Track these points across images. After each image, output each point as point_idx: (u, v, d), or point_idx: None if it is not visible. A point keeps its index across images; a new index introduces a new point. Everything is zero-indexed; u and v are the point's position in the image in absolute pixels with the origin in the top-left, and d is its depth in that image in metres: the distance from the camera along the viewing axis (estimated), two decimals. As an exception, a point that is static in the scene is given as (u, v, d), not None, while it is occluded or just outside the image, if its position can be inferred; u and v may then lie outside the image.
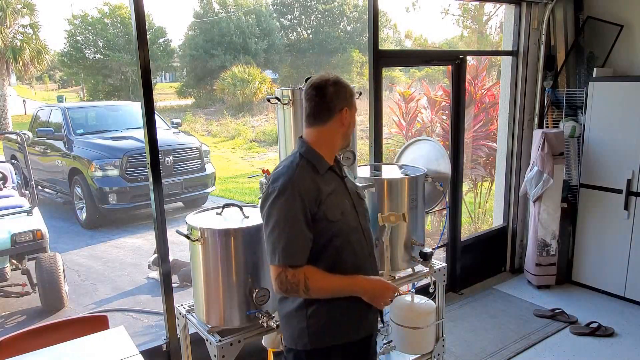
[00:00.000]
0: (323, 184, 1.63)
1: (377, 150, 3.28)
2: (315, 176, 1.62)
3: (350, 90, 1.68)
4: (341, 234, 1.63)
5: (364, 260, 1.71)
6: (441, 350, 2.79)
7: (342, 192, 1.69)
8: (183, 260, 4.80)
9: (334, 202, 1.63)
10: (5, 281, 4.22)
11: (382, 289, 1.67)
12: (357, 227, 1.69)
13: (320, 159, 1.66)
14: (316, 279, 1.59)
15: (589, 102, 3.90)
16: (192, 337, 2.36)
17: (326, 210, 1.60)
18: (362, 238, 1.71)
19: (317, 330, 1.66)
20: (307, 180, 1.59)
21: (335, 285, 1.62)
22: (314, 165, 1.64)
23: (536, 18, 4.15)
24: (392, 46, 21.05)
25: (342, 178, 1.73)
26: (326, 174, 1.66)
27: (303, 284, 1.57)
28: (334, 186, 1.67)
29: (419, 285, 3.34)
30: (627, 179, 3.74)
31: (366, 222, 1.77)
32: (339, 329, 1.68)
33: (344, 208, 1.66)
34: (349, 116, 1.67)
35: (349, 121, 1.68)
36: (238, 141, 14.29)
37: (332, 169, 1.70)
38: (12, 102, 16.39)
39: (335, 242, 1.63)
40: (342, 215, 1.64)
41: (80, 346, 1.87)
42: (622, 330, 3.48)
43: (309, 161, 1.64)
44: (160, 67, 22.69)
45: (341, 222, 1.63)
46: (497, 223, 4.65)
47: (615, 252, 3.92)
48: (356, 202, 1.73)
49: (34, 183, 4.90)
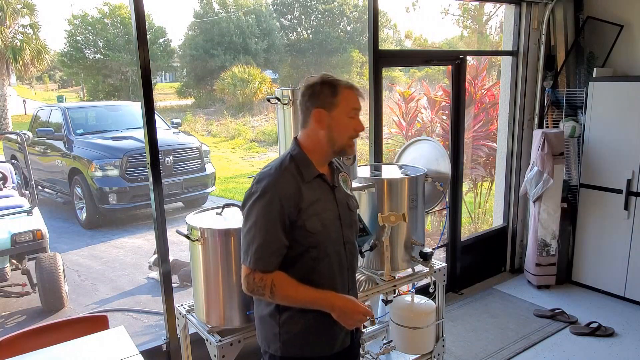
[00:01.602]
0: (307, 191, 1.58)
1: (377, 150, 3.28)
2: (301, 182, 1.58)
3: (330, 90, 1.58)
4: (319, 245, 1.59)
5: (341, 273, 1.67)
6: (441, 350, 2.79)
7: (327, 202, 1.64)
8: (183, 260, 4.80)
9: (316, 211, 1.59)
10: (5, 281, 4.23)
11: (352, 311, 1.58)
12: (338, 239, 1.64)
13: (308, 165, 1.62)
14: (283, 287, 1.56)
15: (589, 102, 3.91)
16: (192, 337, 2.36)
17: (306, 220, 1.56)
18: (342, 250, 1.66)
19: (288, 339, 1.64)
20: (290, 186, 1.56)
21: (302, 297, 1.58)
22: (301, 171, 1.60)
23: (536, 18, 4.15)
24: (392, 46, 21.05)
25: (332, 187, 1.67)
26: (313, 182, 1.62)
27: (269, 290, 1.55)
28: (318, 195, 1.62)
29: (419, 285, 3.34)
30: (627, 179, 3.74)
31: (352, 234, 1.71)
32: (311, 341, 1.65)
33: (326, 219, 1.61)
34: (326, 117, 1.57)
35: (327, 123, 1.58)
36: (238, 141, 14.29)
37: (321, 177, 1.65)
38: (12, 102, 16.38)
39: (312, 253, 1.60)
40: (323, 227, 1.59)
41: (80, 346, 1.87)
42: (622, 330, 3.48)
43: (297, 165, 1.60)
44: (160, 67, 22.68)
45: (320, 234, 1.59)
46: (497, 223, 4.65)
47: (615, 252, 3.92)
48: (343, 213, 1.67)
49: (34, 183, 4.90)
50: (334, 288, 1.63)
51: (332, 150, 1.63)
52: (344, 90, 1.60)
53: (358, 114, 1.64)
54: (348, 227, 1.69)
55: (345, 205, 1.70)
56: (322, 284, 1.61)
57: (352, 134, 1.63)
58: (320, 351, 1.66)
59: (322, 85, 1.59)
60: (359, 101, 1.63)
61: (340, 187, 1.71)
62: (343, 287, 1.68)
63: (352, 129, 1.62)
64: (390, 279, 2.51)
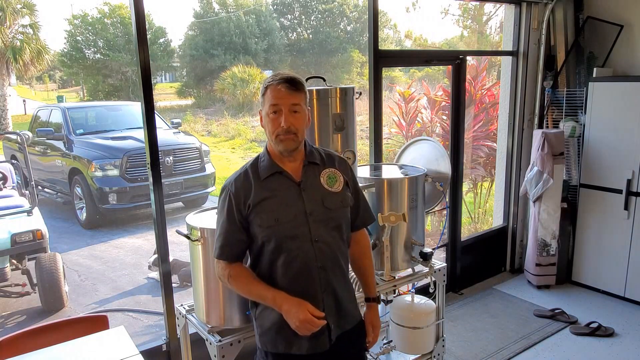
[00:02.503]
0: (259, 188, 1.63)
1: (377, 150, 3.27)
2: (254, 180, 1.64)
3: (263, 90, 1.63)
4: (272, 239, 1.61)
5: (309, 272, 1.62)
6: (441, 350, 2.79)
7: (287, 198, 1.63)
8: (183, 260, 4.80)
9: (268, 208, 1.61)
10: (5, 281, 4.23)
11: (293, 317, 1.55)
12: (302, 235, 1.61)
13: (267, 163, 1.66)
14: (239, 279, 1.66)
15: (589, 102, 3.90)
16: (192, 337, 2.36)
17: (256, 215, 1.62)
18: (308, 247, 1.62)
19: (262, 333, 1.70)
20: (243, 183, 1.65)
21: (253, 291, 1.66)
22: (258, 169, 1.67)
23: (536, 18, 4.15)
24: (392, 46, 21.04)
25: (298, 184, 1.66)
26: (270, 178, 1.64)
27: (227, 279, 1.68)
28: (275, 191, 1.63)
29: (419, 285, 3.35)
30: (627, 179, 3.74)
31: (327, 232, 1.65)
32: (279, 338, 1.65)
33: (283, 214, 1.61)
34: (261, 116, 1.66)
35: (263, 122, 1.65)
36: (238, 141, 14.29)
37: (282, 174, 1.65)
38: (12, 102, 16.37)
39: (267, 247, 1.63)
40: (276, 222, 1.60)
41: (80, 346, 1.87)
42: (622, 330, 3.48)
43: (257, 164, 1.69)
44: (160, 67, 22.67)
45: (273, 229, 1.60)
46: (497, 223, 4.65)
47: (615, 252, 3.92)
48: (313, 209, 1.63)
49: (34, 183, 4.90)
50: (300, 286, 1.61)
51: (274, 147, 1.65)
52: (271, 88, 1.61)
53: (281, 109, 1.58)
54: (321, 224, 1.64)
55: (319, 202, 1.65)
56: (283, 281, 1.62)
57: (278, 130, 1.59)
58: (290, 350, 1.65)
59: (263, 85, 1.65)
60: (282, 96, 1.58)
61: (314, 183, 1.68)
62: (313, 286, 1.63)
63: (277, 125, 1.59)
64: (390, 279, 2.51)
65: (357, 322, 1.78)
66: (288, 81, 1.59)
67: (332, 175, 1.72)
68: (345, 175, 1.76)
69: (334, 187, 1.70)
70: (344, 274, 1.74)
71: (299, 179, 1.67)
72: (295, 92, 1.59)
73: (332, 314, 1.66)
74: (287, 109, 1.59)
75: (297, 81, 1.61)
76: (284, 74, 1.62)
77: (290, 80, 1.59)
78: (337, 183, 1.72)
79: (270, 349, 1.68)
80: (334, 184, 1.71)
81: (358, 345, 1.80)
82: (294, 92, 1.59)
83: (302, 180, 1.67)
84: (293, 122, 1.59)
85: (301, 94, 1.62)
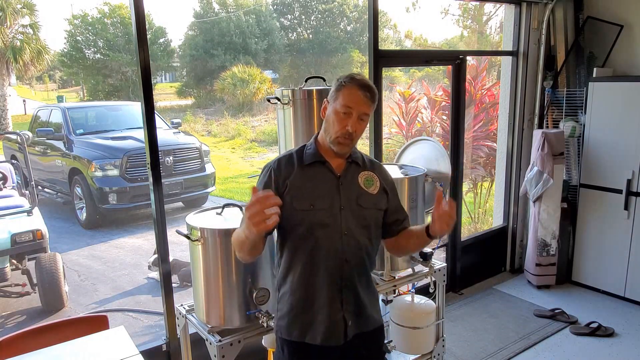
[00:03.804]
0: (301, 172, 1.67)
1: (377, 150, 3.28)
2: (298, 164, 1.68)
3: (337, 84, 1.65)
4: (304, 224, 1.62)
5: (334, 262, 1.63)
6: (441, 350, 2.79)
7: (325, 188, 1.66)
8: (183, 260, 4.80)
9: (306, 193, 1.64)
10: (5, 281, 4.22)
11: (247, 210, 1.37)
12: (334, 226, 1.63)
13: (313, 152, 1.70)
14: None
15: (589, 102, 3.90)
16: (192, 337, 2.36)
17: (293, 197, 1.63)
18: (337, 239, 1.63)
19: (280, 317, 1.70)
20: (285, 163, 1.69)
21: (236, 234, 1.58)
22: (302, 155, 1.71)
23: (536, 18, 4.15)
24: (392, 46, 21.04)
25: (337, 177, 1.68)
26: (313, 166, 1.68)
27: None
28: (315, 179, 1.66)
29: (419, 285, 3.34)
30: (627, 179, 3.74)
31: (359, 229, 1.67)
32: (293, 324, 1.66)
33: (319, 202, 1.63)
34: (327, 108, 1.68)
35: (326, 113, 1.68)
36: (238, 141, 14.29)
37: (324, 164, 1.68)
38: (12, 102, 16.37)
39: (298, 230, 1.63)
40: (312, 208, 1.62)
41: (80, 346, 1.87)
42: (622, 330, 3.48)
43: (302, 151, 1.73)
44: (160, 67, 22.67)
45: (307, 214, 1.62)
46: (497, 223, 4.65)
47: (615, 252, 3.92)
48: (348, 205, 1.66)
49: (34, 183, 4.90)
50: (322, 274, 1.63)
51: (329, 143, 1.66)
52: (348, 85, 1.62)
53: (352, 112, 1.60)
54: (352, 219, 1.67)
55: (354, 198, 1.69)
56: (306, 266, 1.64)
57: (343, 131, 1.61)
58: (304, 338, 1.65)
59: (337, 80, 1.67)
60: (358, 101, 1.60)
61: (353, 180, 1.71)
62: (335, 276, 1.64)
63: (343, 126, 1.60)
64: (390, 279, 2.51)
65: (378, 326, 1.78)
66: (369, 89, 1.62)
67: (370, 178, 1.75)
68: (385, 181, 1.78)
69: (370, 189, 1.73)
70: (367, 275, 1.74)
71: (339, 174, 1.70)
72: (370, 102, 1.63)
73: (350, 310, 1.67)
74: (357, 114, 1.61)
75: (375, 92, 1.64)
76: (364, 80, 1.64)
77: (371, 89, 1.62)
78: (373, 186, 1.74)
79: (284, 335, 1.69)
80: (371, 186, 1.74)
81: (375, 350, 1.79)
82: (369, 101, 1.62)
83: (342, 175, 1.70)
84: (357, 129, 1.63)
85: (374, 104, 1.65)
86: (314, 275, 1.64)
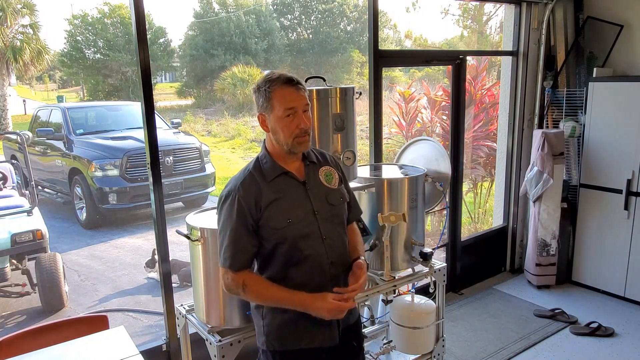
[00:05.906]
0: (268, 190, 1.61)
1: (377, 150, 3.28)
2: (262, 182, 1.62)
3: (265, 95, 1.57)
4: (286, 240, 1.61)
5: (321, 269, 1.65)
6: (441, 350, 2.79)
7: (296, 198, 1.64)
8: (183, 260, 4.80)
9: (280, 209, 1.61)
10: (5, 281, 4.23)
11: (325, 310, 1.57)
12: (312, 234, 1.63)
13: (271, 165, 1.65)
14: (253, 287, 1.61)
15: (589, 102, 3.90)
16: (192, 337, 2.36)
17: (268, 218, 1.60)
18: (319, 245, 1.64)
19: (270, 332, 1.68)
20: (250, 186, 1.61)
21: (273, 296, 1.61)
22: (263, 172, 1.64)
23: (536, 18, 4.15)
24: (392, 46, 21.04)
25: (303, 183, 1.67)
26: (277, 180, 1.63)
27: (242, 289, 1.61)
28: (284, 192, 1.63)
29: (419, 285, 3.34)
30: (627, 179, 3.74)
31: (333, 228, 1.69)
32: (291, 335, 1.66)
33: (294, 214, 1.62)
34: (267, 121, 1.61)
35: (270, 126, 1.61)
36: (238, 141, 14.29)
37: (287, 174, 1.65)
38: (12, 102, 16.37)
39: (281, 249, 1.62)
40: (289, 223, 1.60)
41: (80, 346, 1.87)
42: (622, 330, 3.48)
43: (260, 166, 1.66)
44: (160, 67, 22.64)
45: (286, 230, 1.60)
46: (497, 223, 4.65)
47: (615, 252, 3.92)
48: (319, 207, 1.66)
49: (34, 183, 4.90)
50: (313, 283, 1.63)
51: (286, 150, 1.63)
52: (277, 90, 1.57)
53: (297, 110, 1.57)
54: (327, 221, 1.67)
55: (323, 199, 1.68)
56: (300, 281, 1.62)
57: (297, 132, 1.58)
58: (300, 344, 1.66)
59: (257, 91, 1.61)
60: (295, 98, 1.57)
61: (316, 181, 1.70)
62: (324, 282, 1.65)
63: (294, 127, 1.58)
64: (390, 279, 2.51)
65: (358, 316, 1.86)
66: (294, 80, 1.59)
67: (329, 172, 1.76)
68: (339, 172, 1.80)
69: (332, 183, 1.74)
70: (348, 266, 1.76)
71: (302, 179, 1.68)
72: (303, 91, 1.61)
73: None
74: (300, 109, 1.59)
75: (299, 78, 1.62)
76: (283, 75, 1.60)
77: (295, 79, 1.59)
78: (333, 180, 1.76)
79: (277, 347, 1.68)
80: (332, 180, 1.75)
81: (358, 339, 1.84)
82: (302, 90, 1.60)
83: (306, 179, 1.69)
84: (307, 122, 1.61)
85: (306, 92, 1.63)
86: (305, 285, 1.63)
